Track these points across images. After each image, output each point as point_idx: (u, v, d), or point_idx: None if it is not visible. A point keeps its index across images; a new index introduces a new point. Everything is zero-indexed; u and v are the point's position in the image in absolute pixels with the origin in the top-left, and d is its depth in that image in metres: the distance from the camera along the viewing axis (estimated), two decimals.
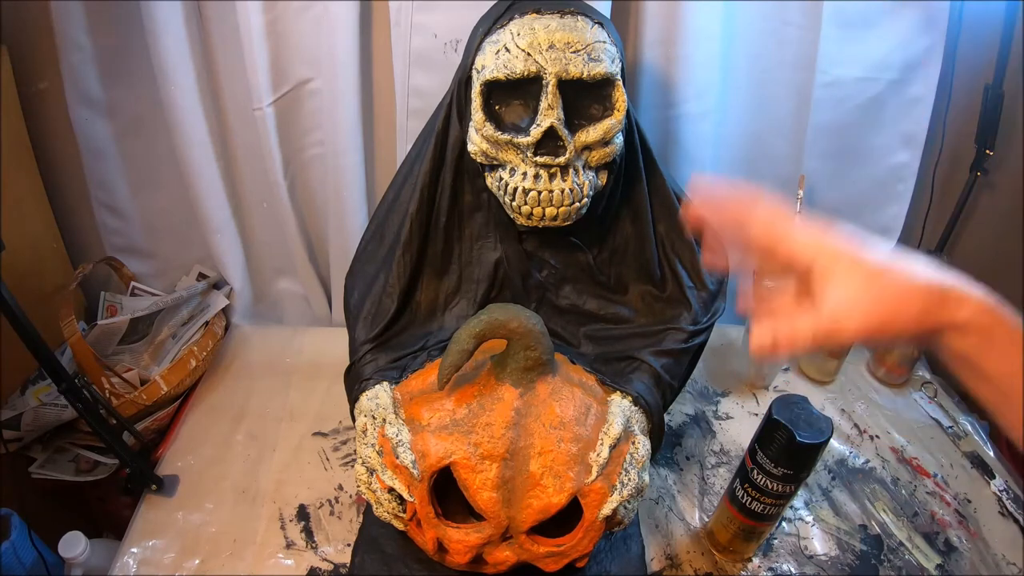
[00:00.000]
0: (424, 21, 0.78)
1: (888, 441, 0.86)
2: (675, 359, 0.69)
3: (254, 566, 0.68)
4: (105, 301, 0.92)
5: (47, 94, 0.84)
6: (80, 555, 0.68)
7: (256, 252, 1.01)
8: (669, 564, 0.70)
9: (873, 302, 0.36)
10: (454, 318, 0.71)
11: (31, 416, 0.77)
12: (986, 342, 0.36)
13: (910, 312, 0.36)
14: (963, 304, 0.36)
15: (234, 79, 0.84)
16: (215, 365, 0.92)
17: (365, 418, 0.62)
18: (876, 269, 0.37)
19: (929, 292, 0.36)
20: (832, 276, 0.37)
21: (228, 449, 0.80)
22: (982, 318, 0.36)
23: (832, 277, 0.37)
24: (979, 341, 0.36)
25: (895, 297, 0.36)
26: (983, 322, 0.36)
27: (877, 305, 0.36)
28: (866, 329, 0.36)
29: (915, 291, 0.36)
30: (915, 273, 0.36)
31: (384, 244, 0.72)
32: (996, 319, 0.36)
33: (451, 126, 0.65)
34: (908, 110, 0.86)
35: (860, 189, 0.93)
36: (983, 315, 0.36)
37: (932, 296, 0.36)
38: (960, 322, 0.36)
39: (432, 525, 0.57)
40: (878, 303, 0.36)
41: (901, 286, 0.36)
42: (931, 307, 0.36)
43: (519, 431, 0.57)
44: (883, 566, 0.71)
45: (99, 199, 0.91)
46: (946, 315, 0.36)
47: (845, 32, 0.81)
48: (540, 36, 0.56)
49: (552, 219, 0.61)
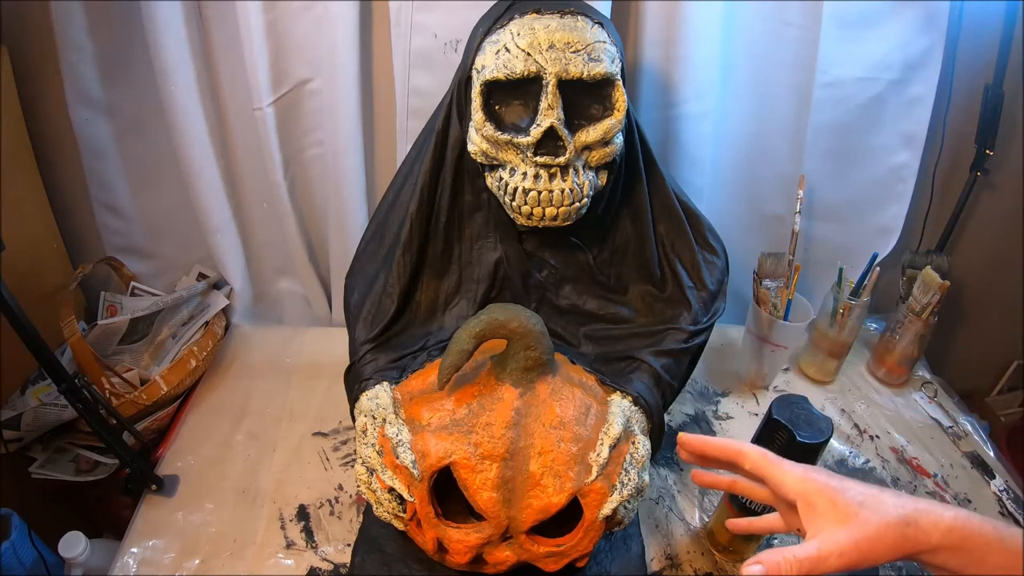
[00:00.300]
0: (424, 21, 0.78)
1: (888, 441, 0.86)
2: (675, 359, 0.69)
3: (254, 566, 0.68)
4: (105, 301, 0.92)
5: (47, 94, 0.84)
6: (80, 555, 0.68)
7: (256, 252, 1.01)
8: (669, 564, 0.70)
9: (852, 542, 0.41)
10: (454, 318, 0.71)
11: (31, 416, 0.77)
12: (961, 556, 0.40)
13: (883, 546, 0.40)
14: (933, 529, 0.40)
15: (234, 79, 0.84)
16: (215, 365, 0.92)
17: (365, 418, 0.62)
18: (850, 510, 0.42)
19: (899, 526, 0.40)
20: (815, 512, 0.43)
21: (228, 449, 0.80)
22: (952, 536, 0.40)
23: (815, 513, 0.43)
24: (952, 556, 0.40)
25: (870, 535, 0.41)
26: (953, 540, 0.40)
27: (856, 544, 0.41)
28: (847, 564, 0.41)
29: (885, 529, 0.41)
30: (886, 510, 0.41)
31: (384, 244, 0.72)
32: (967, 534, 0.40)
33: (451, 126, 0.65)
34: (908, 110, 0.86)
35: (860, 189, 0.93)
36: (953, 533, 0.40)
37: (902, 529, 0.40)
38: (932, 546, 0.40)
39: (432, 525, 0.57)
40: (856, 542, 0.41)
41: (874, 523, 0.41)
42: (902, 539, 0.40)
43: (519, 431, 0.57)
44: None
45: (99, 199, 0.91)
46: (919, 543, 0.40)
47: (845, 32, 0.81)
48: (540, 36, 0.56)
49: (552, 219, 0.61)
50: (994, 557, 0.40)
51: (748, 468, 0.48)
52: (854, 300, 0.86)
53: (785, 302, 0.85)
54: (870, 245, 0.91)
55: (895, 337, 0.92)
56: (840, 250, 0.94)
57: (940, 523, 0.40)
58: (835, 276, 0.88)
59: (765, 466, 0.47)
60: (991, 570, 0.40)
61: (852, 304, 0.86)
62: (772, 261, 0.88)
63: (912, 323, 0.89)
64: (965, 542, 0.40)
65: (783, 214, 0.93)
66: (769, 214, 0.96)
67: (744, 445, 0.49)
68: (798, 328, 0.86)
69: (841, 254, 0.91)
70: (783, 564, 0.41)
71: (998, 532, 0.40)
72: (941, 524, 0.40)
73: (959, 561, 0.41)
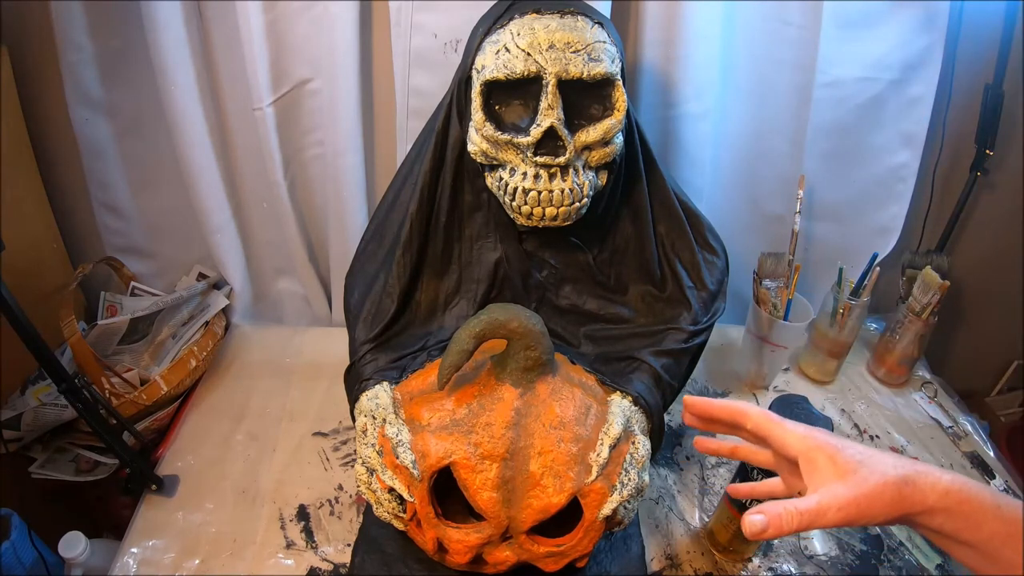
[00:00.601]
0: (424, 21, 0.78)
1: (888, 441, 0.86)
2: (675, 359, 0.69)
3: (254, 566, 0.68)
4: (105, 301, 0.92)
5: (47, 94, 0.84)
6: (80, 555, 0.68)
7: (256, 252, 1.01)
8: (669, 564, 0.70)
9: (851, 496, 0.41)
10: (454, 318, 0.71)
11: (31, 416, 0.77)
12: (957, 519, 0.41)
13: (881, 503, 0.41)
14: (930, 490, 0.41)
15: (234, 79, 0.83)
16: (215, 365, 0.92)
17: (365, 418, 0.62)
18: (850, 467, 0.43)
19: (897, 484, 0.41)
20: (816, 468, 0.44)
21: (228, 449, 0.80)
22: (948, 499, 0.41)
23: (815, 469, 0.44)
24: (948, 519, 0.41)
25: (868, 491, 0.41)
26: (949, 503, 0.41)
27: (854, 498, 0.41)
28: (845, 518, 0.41)
29: (883, 487, 0.41)
30: (884, 470, 0.42)
31: (384, 244, 0.72)
32: (963, 498, 0.41)
33: (451, 126, 0.65)
34: (908, 110, 0.86)
35: (860, 189, 0.93)
36: (949, 496, 0.41)
37: (900, 488, 0.41)
38: (928, 507, 0.41)
39: (432, 525, 0.57)
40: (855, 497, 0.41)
41: (872, 481, 0.42)
42: (899, 499, 0.41)
43: (519, 431, 0.57)
44: (883, 566, 0.71)
45: (99, 199, 0.91)
46: (915, 503, 0.41)
47: (845, 32, 0.81)
48: (540, 36, 0.56)
49: (552, 219, 0.61)
50: (990, 523, 0.40)
51: (750, 428, 0.49)
52: (854, 300, 0.86)
53: (785, 302, 0.86)
54: (870, 245, 0.91)
55: (895, 337, 0.92)
56: (840, 250, 0.94)
57: (937, 485, 0.41)
58: (835, 276, 0.88)
59: (767, 425, 0.47)
60: (986, 536, 0.40)
61: (852, 304, 0.86)
62: (772, 261, 0.88)
63: (912, 323, 0.89)
64: (961, 506, 0.40)
65: (783, 214, 0.93)
66: (769, 214, 0.96)
67: (747, 405, 0.49)
68: (798, 328, 0.86)
69: (841, 254, 0.91)
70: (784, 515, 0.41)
71: (995, 499, 0.41)
72: (938, 486, 0.41)
73: (954, 525, 0.41)
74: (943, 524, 0.41)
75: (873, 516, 0.42)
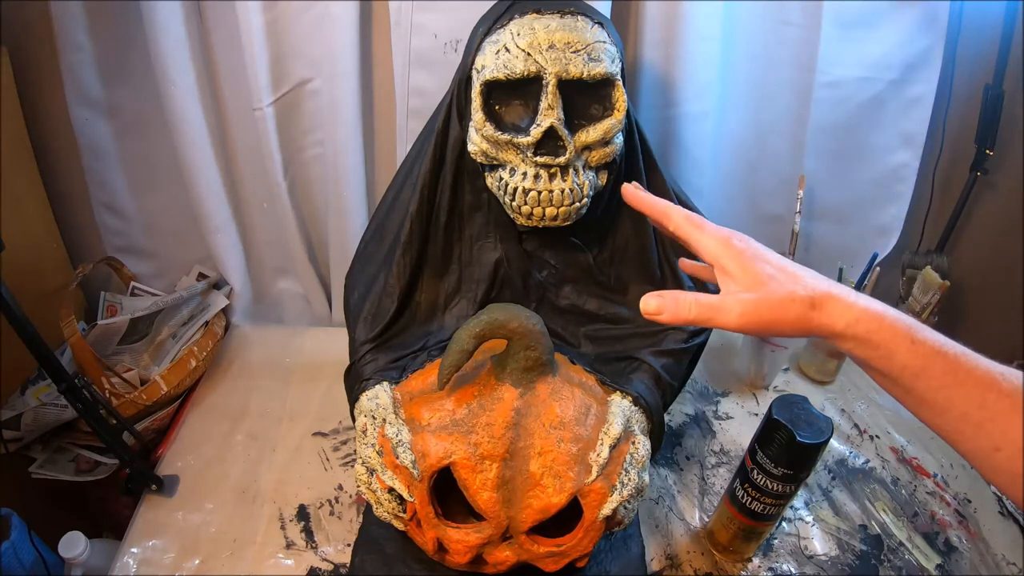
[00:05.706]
0: (424, 21, 0.78)
1: (888, 441, 0.86)
2: (675, 359, 0.69)
3: (254, 566, 0.68)
4: (105, 301, 0.92)
5: (47, 94, 0.84)
6: (80, 555, 0.68)
7: (256, 252, 1.01)
8: (669, 564, 0.70)
9: (754, 303, 0.41)
10: (454, 318, 0.71)
11: (31, 416, 0.77)
12: (867, 347, 0.40)
13: (786, 319, 0.41)
14: (839, 317, 0.40)
15: (234, 79, 0.83)
16: (215, 365, 0.92)
17: (365, 418, 0.62)
18: (762, 276, 0.42)
19: (804, 304, 0.41)
20: (727, 274, 0.44)
21: (228, 449, 0.80)
22: (858, 328, 0.40)
23: (728, 275, 0.44)
24: (857, 346, 0.41)
25: (773, 304, 0.41)
26: (859, 332, 0.40)
27: (756, 307, 0.41)
28: (745, 324, 0.41)
29: (790, 303, 0.41)
30: (797, 284, 0.42)
31: (384, 244, 0.72)
32: (875, 327, 0.40)
33: (451, 126, 0.65)
34: (908, 110, 0.86)
35: (860, 189, 0.93)
36: (859, 325, 0.40)
37: (806, 309, 0.41)
38: (838, 331, 0.41)
39: (432, 525, 0.57)
40: (757, 305, 0.41)
41: (780, 294, 0.41)
42: (804, 319, 0.41)
43: (519, 431, 0.57)
44: (883, 566, 0.71)
45: (99, 199, 0.91)
46: (823, 326, 0.41)
47: (845, 32, 0.81)
48: (540, 36, 0.56)
49: (552, 219, 0.61)
50: (902, 356, 0.39)
51: (672, 230, 0.48)
52: None
53: None
54: (870, 245, 0.91)
55: None
56: (840, 250, 0.94)
57: (848, 312, 0.40)
58: (835, 276, 0.88)
59: (687, 228, 0.47)
60: (898, 368, 0.40)
61: None
62: None
63: None
64: (871, 335, 0.40)
65: (783, 214, 0.93)
66: (769, 214, 0.96)
67: (670, 206, 0.49)
68: None
69: (841, 254, 0.91)
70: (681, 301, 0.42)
71: (910, 332, 0.40)
72: (848, 314, 0.40)
73: (864, 353, 0.41)
74: (853, 350, 0.41)
75: (778, 330, 0.41)
